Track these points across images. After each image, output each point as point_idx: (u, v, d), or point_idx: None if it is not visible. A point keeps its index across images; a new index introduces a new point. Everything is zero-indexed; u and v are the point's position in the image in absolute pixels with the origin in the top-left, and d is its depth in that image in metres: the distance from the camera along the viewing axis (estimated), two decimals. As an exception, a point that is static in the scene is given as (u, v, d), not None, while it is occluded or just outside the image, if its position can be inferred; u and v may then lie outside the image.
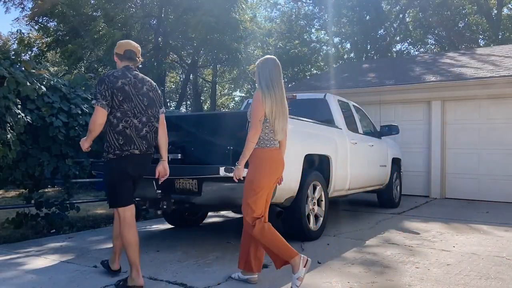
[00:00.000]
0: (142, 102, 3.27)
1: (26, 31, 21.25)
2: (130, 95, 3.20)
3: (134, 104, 3.22)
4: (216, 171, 3.78)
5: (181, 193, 4.37)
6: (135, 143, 3.21)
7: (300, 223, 4.57)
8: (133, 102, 3.22)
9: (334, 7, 22.98)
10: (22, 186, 5.48)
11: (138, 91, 3.27)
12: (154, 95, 3.39)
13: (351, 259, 4.03)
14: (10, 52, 5.25)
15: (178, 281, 3.31)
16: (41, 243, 4.67)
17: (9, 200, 8.57)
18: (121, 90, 3.16)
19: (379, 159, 6.94)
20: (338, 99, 6.20)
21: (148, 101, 3.31)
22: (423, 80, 9.74)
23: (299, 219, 4.56)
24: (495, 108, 8.84)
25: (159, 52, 17.09)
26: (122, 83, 3.19)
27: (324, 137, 5.23)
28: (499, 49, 12.25)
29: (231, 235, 5.13)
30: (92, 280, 3.36)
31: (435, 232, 5.43)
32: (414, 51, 25.55)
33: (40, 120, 5.05)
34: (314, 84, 12.25)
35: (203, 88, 28.01)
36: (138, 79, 3.31)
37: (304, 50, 25.41)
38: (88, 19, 15.47)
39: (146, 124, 3.28)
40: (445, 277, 3.50)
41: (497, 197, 8.65)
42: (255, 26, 23.15)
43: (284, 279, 3.38)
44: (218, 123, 4.58)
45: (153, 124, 3.33)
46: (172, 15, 17.23)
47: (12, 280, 3.37)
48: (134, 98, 3.23)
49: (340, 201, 7.96)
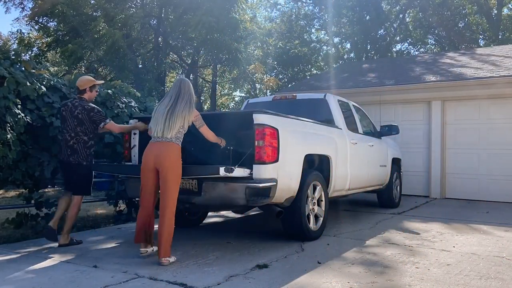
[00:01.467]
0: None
1: (26, 31, 21.26)
2: None
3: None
4: (216, 171, 3.78)
5: (181, 193, 4.36)
6: None
7: (300, 223, 4.57)
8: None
9: (334, 7, 23.00)
10: (22, 186, 5.47)
11: None
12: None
13: (351, 259, 4.03)
14: (10, 52, 5.23)
15: (178, 281, 3.30)
16: (41, 243, 4.66)
17: (9, 200, 8.57)
18: None
19: (379, 159, 6.94)
20: (338, 99, 6.19)
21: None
22: (423, 80, 9.74)
23: (299, 219, 4.56)
24: (495, 108, 8.84)
25: (159, 52, 17.10)
26: None
27: (324, 137, 5.22)
28: (499, 49, 12.25)
29: (231, 235, 5.13)
30: (92, 280, 3.36)
31: (435, 232, 5.43)
32: (414, 51, 25.58)
33: (40, 120, 5.05)
34: (314, 84, 12.25)
35: (203, 88, 28.02)
36: None
37: (304, 50, 25.44)
38: (88, 19, 15.48)
39: None
40: (445, 277, 3.50)
41: (497, 197, 8.65)
42: (255, 26, 23.18)
43: (284, 279, 3.38)
44: (219, 123, 4.58)
45: None
46: (172, 15, 17.24)
47: (12, 280, 3.37)
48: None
49: (340, 201, 7.96)
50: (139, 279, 3.39)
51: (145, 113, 6.61)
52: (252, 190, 4.01)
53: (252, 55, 23.82)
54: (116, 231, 5.49)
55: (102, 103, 5.97)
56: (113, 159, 5.98)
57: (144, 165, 3.96)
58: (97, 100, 5.91)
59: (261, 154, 4.05)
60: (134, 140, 4.90)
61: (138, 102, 6.73)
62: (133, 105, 6.44)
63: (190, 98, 4.00)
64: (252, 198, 4.03)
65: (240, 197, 4.03)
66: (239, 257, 4.05)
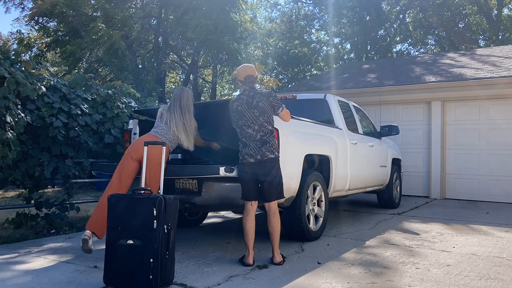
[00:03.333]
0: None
1: (26, 31, 21.28)
2: None
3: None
4: (216, 171, 3.78)
5: (181, 193, 4.37)
6: None
7: (300, 223, 4.57)
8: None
9: (334, 8, 23.02)
10: (22, 186, 5.47)
11: None
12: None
13: (351, 260, 4.03)
14: (10, 52, 5.25)
15: (178, 282, 3.30)
16: (41, 243, 4.66)
17: (9, 200, 8.56)
18: None
19: (379, 159, 6.94)
20: (338, 99, 6.19)
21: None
22: (423, 80, 9.74)
23: (299, 219, 4.56)
24: (495, 109, 8.85)
25: (159, 53, 17.09)
26: None
27: (324, 137, 5.23)
28: (499, 50, 12.26)
29: (231, 235, 5.13)
30: (92, 280, 3.36)
31: (435, 232, 5.43)
32: (414, 52, 25.58)
33: (40, 120, 5.05)
34: (314, 84, 12.25)
35: (203, 88, 28.01)
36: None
37: (304, 51, 25.45)
38: (88, 19, 15.46)
39: None
40: (445, 277, 3.50)
41: (497, 198, 8.65)
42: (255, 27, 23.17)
43: (284, 280, 3.38)
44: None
45: None
46: (172, 16, 17.23)
47: (12, 280, 3.37)
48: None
49: (340, 201, 7.96)
50: (139, 279, 3.38)
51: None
52: (252, 190, 3.99)
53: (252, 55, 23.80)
54: (116, 231, 5.48)
55: (102, 103, 5.98)
56: (113, 159, 5.98)
57: None
58: (97, 100, 5.92)
59: (261, 154, 4.04)
60: (134, 140, 4.90)
61: (138, 102, 6.73)
62: (133, 105, 6.44)
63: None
64: (252, 198, 4.02)
65: (240, 197, 4.03)
66: (239, 257, 4.04)
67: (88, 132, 5.68)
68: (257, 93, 3.89)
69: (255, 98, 3.85)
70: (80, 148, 5.77)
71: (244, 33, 17.81)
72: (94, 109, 5.83)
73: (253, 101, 3.84)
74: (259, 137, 3.80)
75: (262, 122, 3.82)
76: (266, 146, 3.79)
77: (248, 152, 3.79)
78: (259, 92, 3.91)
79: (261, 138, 3.80)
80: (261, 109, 3.83)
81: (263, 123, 3.83)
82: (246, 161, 3.80)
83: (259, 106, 3.83)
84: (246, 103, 3.86)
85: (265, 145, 3.79)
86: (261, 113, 3.82)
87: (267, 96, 3.88)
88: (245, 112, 3.84)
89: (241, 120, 3.87)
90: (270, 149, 3.80)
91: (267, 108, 3.85)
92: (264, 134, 3.81)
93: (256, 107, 3.83)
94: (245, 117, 3.84)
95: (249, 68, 4.07)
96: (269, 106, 3.87)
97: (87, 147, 5.74)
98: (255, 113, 3.82)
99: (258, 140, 3.79)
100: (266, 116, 3.85)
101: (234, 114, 3.93)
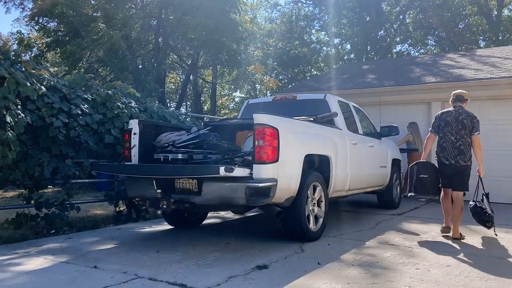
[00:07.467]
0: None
1: (26, 31, 21.25)
2: None
3: None
4: (216, 171, 3.78)
5: (181, 193, 4.37)
6: None
7: (300, 223, 4.56)
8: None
9: (334, 8, 23.02)
10: (22, 186, 5.46)
11: None
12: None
13: (351, 260, 4.02)
14: (10, 53, 5.24)
15: (178, 282, 3.30)
16: (41, 244, 4.66)
17: (9, 200, 8.56)
18: None
19: (379, 160, 6.94)
20: (338, 99, 6.20)
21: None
22: (423, 81, 9.74)
23: (299, 219, 4.55)
24: (496, 110, 8.84)
25: (159, 53, 17.09)
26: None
27: (324, 138, 5.22)
28: (499, 50, 12.25)
29: (231, 236, 5.13)
30: (92, 281, 3.36)
31: (435, 233, 5.42)
32: (414, 52, 25.59)
33: (40, 120, 5.04)
34: (314, 85, 12.25)
35: (203, 88, 28.02)
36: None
37: (304, 51, 25.46)
38: (88, 19, 15.46)
39: None
40: (445, 278, 3.50)
41: (497, 198, 8.61)
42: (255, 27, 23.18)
43: (284, 280, 3.37)
44: None
45: None
46: (172, 16, 17.23)
47: (12, 281, 3.37)
48: None
49: (340, 202, 7.96)
50: (139, 279, 3.39)
51: (145, 113, 6.61)
52: (252, 190, 4.01)
53: (252, 55, 23.81)
54: (116, 231, 5.48)
55: (102, 103, 5.97)
56: (113, 159, 5.97)
57: None
58: (97, 100, 5.92)
59: (261, 154, 4.05)
60: (134, 140, 4.90)
61: (138, 102, 6.73)
62: (133, 105, 6.44)
63: None
64: (252, 198, 4.04)
65: (240, 197, 4.03)
66: (239, 257, 4.04)
67: (89, 132, 5.67)
68: (465, 112, 5.05)
69: (462, 115, 5.01)
70: (80, 148, 5.77)
71: (244, 34, 17.81)
72: (94, 109, 5.82)
73: (460, 117, 5.00)
74: (458, 145, 5.00)
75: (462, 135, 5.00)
76: (461, 155, 5.03)
77: (445, 156, 5.10)
78: (466, 112, 5.06)
79: (459, 147, 5.00)
80: (464, 125, 4.96)
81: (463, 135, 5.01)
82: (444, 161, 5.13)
83: (463, 123, 4.97)
84: (454, 116, 5.04)
85: (461, 154, 5.03)
86: (463, 127, 4.97)
87: (471, 118, 5.00)
88: (452, 123, 5.03)
89: (446, 128, 5.07)
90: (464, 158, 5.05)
91: (468, 126, 4.98)
92: (462, 144, 4.99)
93: (460, 122, 4.98)
94: (450, 126, 5.04)
95: (461, 91, 5.32)
96: (471, 125, 4.98)
97: (87, 147, 5.73)
98: (458, 126, 4.99)
99: (456, 148, 5.02)
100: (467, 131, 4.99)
101: (441, 122, 5.12)
